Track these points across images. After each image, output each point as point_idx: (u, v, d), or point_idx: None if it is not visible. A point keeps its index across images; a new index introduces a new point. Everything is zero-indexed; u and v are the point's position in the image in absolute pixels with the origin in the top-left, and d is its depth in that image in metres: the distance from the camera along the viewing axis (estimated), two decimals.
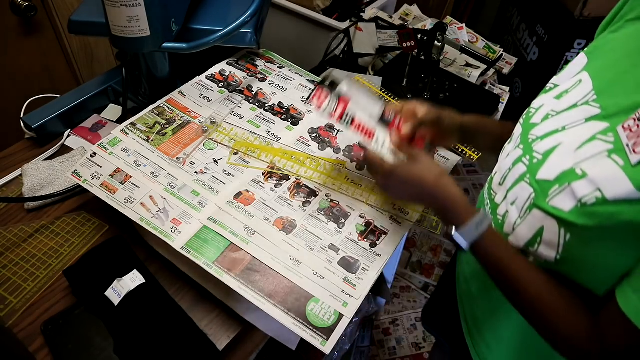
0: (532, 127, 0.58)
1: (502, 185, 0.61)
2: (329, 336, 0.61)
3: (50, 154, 0.90)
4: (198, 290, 0.71)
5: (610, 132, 0.46)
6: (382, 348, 1.68)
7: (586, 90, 0.52)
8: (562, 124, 0.53)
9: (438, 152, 0.88)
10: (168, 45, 0.82)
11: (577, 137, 0.50)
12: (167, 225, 0.69)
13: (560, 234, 0.50)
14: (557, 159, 0.51)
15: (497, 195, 0.62)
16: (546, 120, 0.56)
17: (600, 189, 0.45)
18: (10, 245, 0.75)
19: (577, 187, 0.47)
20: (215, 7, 0.95)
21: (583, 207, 0.46)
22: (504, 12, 2.43)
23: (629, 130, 0.44)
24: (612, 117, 0.47)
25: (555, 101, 0.57)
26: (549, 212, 0.50)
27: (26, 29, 1.15)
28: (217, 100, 0.91)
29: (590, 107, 0.50)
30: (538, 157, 0.54)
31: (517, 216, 0.56)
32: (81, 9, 0.92)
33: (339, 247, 0.70)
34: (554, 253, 0.52)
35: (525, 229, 0.54)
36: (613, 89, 0.50)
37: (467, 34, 1.34)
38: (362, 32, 1.17)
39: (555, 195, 0.49)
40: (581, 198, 0.46)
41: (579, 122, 0.51)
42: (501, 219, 0.60)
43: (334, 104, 0.72)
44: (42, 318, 0.67)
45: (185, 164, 0.78)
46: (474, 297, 0.73)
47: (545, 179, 0.51)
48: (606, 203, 0.44)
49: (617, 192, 0.43)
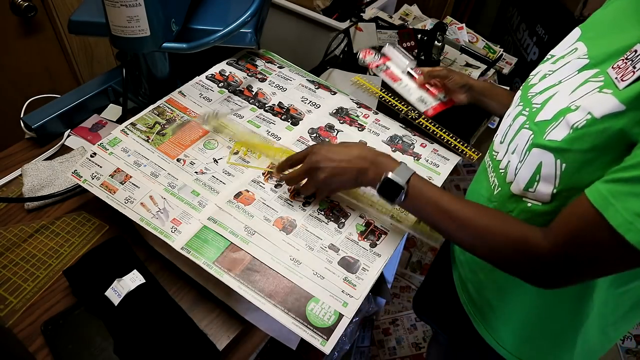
0: (530, 87, 0.64)
1: (502, 143, 0.65)
2: (329, 336, 0.61)
3: (50, 154, 0.90)
4: (198, 290, 0.71)
5: (601, 74, 0.52)
6: (382, 348, 1.68)
7: (581, 53, 0.58)
8: (558, 79, 0.59)
9: (438, 151, 0.88)
10: (168, 45, 0.82)
11: (571, 85, 0.55)
12: (167, 225, 0.69)
13: (557, 165, 0.53)
14: (554, 103, 0.56)
15: (499, 153, 0.66)
16: (544, 79, 0.62)
17: (590, 112, 0.50)
18: (10, 245, 0.75)
19: (570, 117, 0.52)
20: (215, 7, 0.95)
21: (575, 131, 0.50)
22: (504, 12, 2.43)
23: (617, 68, 0.50)
24: (600, 64, 0.53)
25: (551, 65, 0.63)
26: (545, 146, 0.54)
27: (26, 29, 1.15)
28: (217, 100, 0.91)
29: (580, 60, 0.57)
30: (537, 106, 0.59)
31: (517, 161, 0.59)
32: (81, 9, 0.92)
33: (339, 247, 0.70)
34: (551, 187, 0.54)
35: (526, 170, 0.57)
36: (600, 42, 0.56)
37: (467, 34, 1.34)
38: (362, 32, 1.17)
39: (551, 130, 0.54)
40: (573, 124, 0.51)
41: (572, 74, 0.56)
42: (503, 171, 0.63)
43: (377, 57, 1.01)
44: (42, 318, 0.67)
45: (185, 164, 0.78)
46: (480, 280, 0.73)
47: (543, 119, 0.56)
48: (596, 122, 0.49)
49: (605, 108, 0.48)
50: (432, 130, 0.88)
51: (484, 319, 0.74)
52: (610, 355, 1.70)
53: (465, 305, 0.78)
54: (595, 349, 0.71)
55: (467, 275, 0.77)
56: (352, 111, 0.93)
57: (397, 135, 0.89)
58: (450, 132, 0.90)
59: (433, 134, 0.88)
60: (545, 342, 0.70)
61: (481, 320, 0.75)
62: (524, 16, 2.18)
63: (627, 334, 1.75)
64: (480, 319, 0.75)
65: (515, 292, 0.68)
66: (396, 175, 0.62)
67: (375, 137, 0.88)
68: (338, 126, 0.89)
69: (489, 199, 0.67)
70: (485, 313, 0.74)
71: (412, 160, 0.85)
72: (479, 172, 0.74)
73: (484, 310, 0.74)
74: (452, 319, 0.86)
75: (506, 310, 0.70)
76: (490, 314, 0.73)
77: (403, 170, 0.63)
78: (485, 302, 0.73)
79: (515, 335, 0.71)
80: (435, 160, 0.86)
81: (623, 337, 1.74)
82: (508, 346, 0.72)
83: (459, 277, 0.80)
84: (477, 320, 0.76)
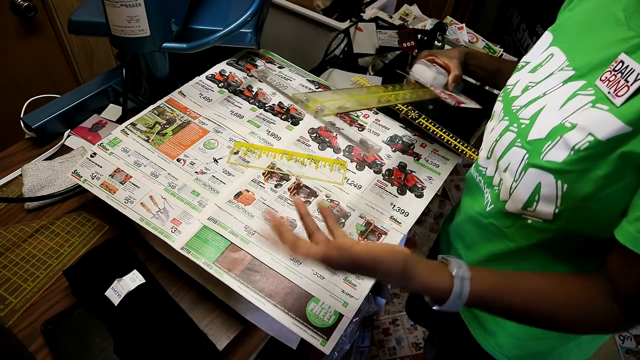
0: (513, 100, 0.61)
1: (490, 158, 0.63)
2: (329, 336, 0.61)
3: (50, 154, 0.90)
4: (198, 290, 0.71)
5: (589, 87, 0.51)
6: (382, 348, 1.68)
7: (561, 60, 0.57)
8: (543, 91, 0.57)
9: (438, 152, 0.88)
10: (168, 45, 0.82)
11: (559, 98, 0.53)
12: (167, 225, 0.69)
13: (558, 186, 0.51)
14: (544, 119, 0.54)
15: (488, 169, 0.64)
16: (526, 91, 0.60)
17: (592, 133, 0.48)
18: (10, 245, 0.75)
19: (569, 138, 0.50)
20: (215, 7, 0.95)
21: (577, 153, 0.49)
22: (504, 12, 2.43)
23: (607, 81, 0.49)
24: (586, 75, 0.52)
25: (530, 75, 0.61)
26: (544, 167, 0.52)
27: (26, 29, 1.15)
28: (217, 100, 0.91)
29: (565, 72, 0.55)
30: (525, 122, 0.57)
31: (512, 180, 0.57)
32: (81, 9, 0.92)
33: None
34: (553, 207, 0.53)
35: (522, 190, 0.55)
36: (581, 51, 0.55)
37: (467, 34, 1.34)
38: (362, 32, 1.16)
39: (548, 150, 0.52)
40: (574, 145, 0.49)
41: (557, 85, 0.55)
42: (497, 189, 0.61)
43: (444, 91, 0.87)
44: (42, 318, 0.67)
45: (186, 164, 0.78)
46: None
47: (537, 138, 0.54)
48: (599, 144, 0.47)
49: (609, 130, 0.46)
50: (432, 130, 0.88)
51: (481, 325, 0.73)
52: (610, 355, 1.70)
53: (462, 313, 0.77)
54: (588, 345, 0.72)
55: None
56: (352, 111, 0.92)
57: (397, 135, 0.89)
58: (450, 132, 0.90)
59: (433, 134, 0.88)
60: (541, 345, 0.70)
61: (478, 327, 0.74)
62: (524, 16, 2.18)
63: (627, 334, 1.75)
64: (478, 325, 0.74)
65: None
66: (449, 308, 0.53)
67: (375, 137, 0.88)
68: (338, 126, 0.89)
69: (482, 214, 0.66)
70: (482, 320, 0.73)
71: (412, 160, 0.86)
72: (470, 186, 0.72)
73: (481, 317, 0.73)
74: (447, 324, 0.85)
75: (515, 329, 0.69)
76: (488, 321, 0.72)
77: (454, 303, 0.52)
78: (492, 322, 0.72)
79: (512, 340, 0.70)
80: (435, 161, 0.86)
81: (623, 337, 1.74)
82: (505, 351, 0.72)
83: None
84: (474, 327, 0.75)
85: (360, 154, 0.85)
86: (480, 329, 0.74)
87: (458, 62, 0.84)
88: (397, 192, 0.80)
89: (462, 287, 0.51)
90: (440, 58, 0.85)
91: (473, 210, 0.68)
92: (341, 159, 0.83)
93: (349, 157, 0.84)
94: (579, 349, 0.71)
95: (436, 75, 0.85)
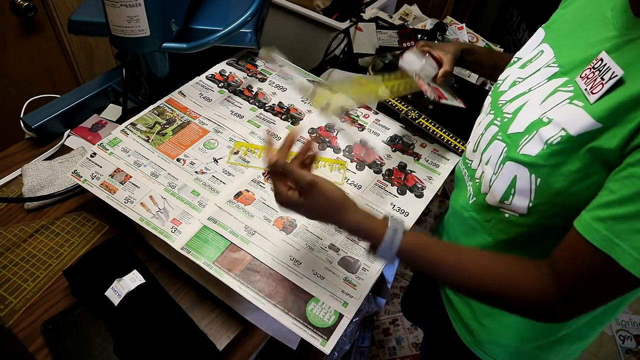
0: (500, 95, 0.63)
1: (475, 151, 0.64)
2: (329, 336, 0.61)
3: (50, 154, 0.90)
4: (198, 290, 0.71)
5: (570, 84, 0.51)
6: (382, 348, 1.68)
7: (548, 57, 0.58)
8: (528, 87, 0.58)
9: (438, 152, 0.88)
10: (168, 45, 0.82)
11: (542, 94, 0.54)
12: (167, 225, 0.69)
13: (532, 180, 0.53)
14: (525, 114, 0.55)
15: (473, 162, 0.65)
16: (514, 86, 0.61)
17: (564, 128, 0.49)
18: (10, 245, 0.75)
19: (543, 132, 0.51)
20: (215, 7, 0.95)
21: (549, 147, 0.50)
22: (504, 12, 2.43)
23: (586, 78, 0.49)
24: (569, 72, 0.52)
25: (520, 70, 0.62)
26: (519, 160, 0.53)
27: (26, 29, 1.15)
28: (217, 100, 0.91)
29: (550, 68, 0.56)
30: (508, 116, 0.58)
31: (491, 173, 0.58)
32: (81, 9, 0.92)
33: (339, 247, 0.70)
34: (527, 201, 0.54)
35: (500, 183, 0.56)
36: (568, 49, 0.56)
37: (467, 34, 1.34)
38: (362, 32, 1.16)
39: (525, 144, 0.53)
40: (547, 140, 0.50)
41: (542, 82, 0.56)
42: (478, 182, 0.62)
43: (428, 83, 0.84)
44: (42, 318, 0.67)
45: (186, 163, 0.78)
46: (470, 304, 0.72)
47: (516, 132, 0.55)
48: (570, 139, 0.48)
49: (580, 126, 0.48)
50: (432, 130, 0.88)
51: (473, 336, 0.73)
52: (610, 356, 1.70)
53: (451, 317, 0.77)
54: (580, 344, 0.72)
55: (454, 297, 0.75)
56: (352, 111, 0.93)
57: (397, 136, 0.89)
58: (450, 132, 0.90)
59: (433, 134, 0.88)
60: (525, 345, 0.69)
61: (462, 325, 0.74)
62: (524, 16, 2.18)
63: (627, 334, 1.75)
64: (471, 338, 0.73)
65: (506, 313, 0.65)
66: (381, 257, 0.56)
67: (375, 137, 0.88)
68: (338, 126, 0.89)
69: (464, 207, 0.66)
70: (474, 330, 0.72)
71: (412, 160, 0.85)
72: (457, 178, 0.73)
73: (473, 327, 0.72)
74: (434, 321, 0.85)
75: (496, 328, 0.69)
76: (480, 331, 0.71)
77: (387, 249, 0.55)
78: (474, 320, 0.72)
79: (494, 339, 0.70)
80: (435, 161, 0.86)
81: (623, 337, 1.74)
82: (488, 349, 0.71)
83: (446, 296, 0.78)
84: (458, 324, 0.75)
85: (360, 154, 0.85)
86: (463, 327, 0.74)
87: (452, 57, 0.83)
88: (397, 192, 0.80)
89: (394, 236, 0.55)
90: (435, 51, 0.84)
91: (458, 204, 0.69)
92: (341, 159, 0.83)
93: (349, 157, 0.84)
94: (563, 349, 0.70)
95: (424, 66, 0.83)
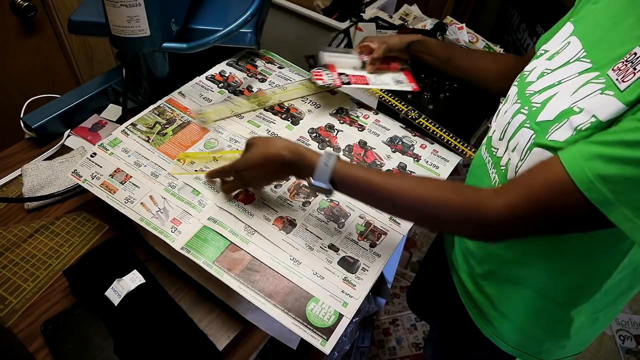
0: (528, 85, 0.63)
1: (502, 139, 0.65)
2: (329, 336, 0.61)
3: (50, 154, 0.90)
4: (198, 290, 0.71)
5: (602, 77, 0.52)
6: (382, 348, 1.68)
7: (576, 49, 0.58)
8: (558, 79, 0.58)
9: (438, 152, 0.88)
10: (168, 45, 0.82)
11: (572, 86, 0.55)
12: (167, 225, 0.69)
13: None
14: (555, 103, 0.56)
15: (499, 150, 0.66)
16: (542, 77, 0.61)
17: (594, 115, 0.50)
18: (10, 245, 0.75)
19: (574, 119, 0.52)
20: (215, 7, 0.95)
21: (579, 132, 0.51)
22: (504, 12, 2.43)
23: (618, 70, 0.50)
24: (602, 68, 0.53)
25: (547, 62, 0.63)
26: (547, 146, 0.54)
27: (26, 29, 1.15)
28: (217, 100, 0.91)
29: (582, 63, 0.56)
30: (537, 106, 0.59)
31: (518, 159, 0.59)
32: (81, 9, 0.92)
33: (339, 247, 0.70)
34: None
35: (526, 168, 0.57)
36: (601, 45, 0.56)
37: (467, 34, 1.34)
38: (362, 32, 1.16)
39: (554, 131, 0.54)
40: (577, 126, 0.51)
41: (573, 75, 0.56)
42: (504, 169, 0.63)
43: (329, 73, 0.91)
44: (42, 318, 0.67)
45: (186, 163, 0.78)
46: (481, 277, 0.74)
47: (545, 120, 0.56)
48: (600, 125, 0.49)
49: (609, 112, 0.48)
50: (432, 130, 0.88)
51: (483, 315, 0.75)
52: (610, 356, 1.70)
53: (466, 305, 0.79)
54: (586, 336, 0.74)
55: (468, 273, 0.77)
56: (352, 111, 0.93)
57: (397, 136, 0.89)
58: (450, 132, 0.90)
59: (433, 134, 0.88)
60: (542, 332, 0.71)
61: (480, 316, 0.76)
62: (524, 16, 2.18)
63: (627, 334, 1.75)
64: (481, 317, 0.76)
65: (515, 289, 0.69)
66: (318, 181, 0.62)
67: (375, 137, 0.88)
68: (338, 126, 0.89)
69: None
70: (484, 310, 0.75)
71: (412, 161, 0.86)
72: (475, 167, 0.74)
73: (484, 307, 0.75)
74: (449, 315, 0.86)
75: (505, 304, 0.71)
76: (490, 310, 0.74)
77: (322, 169, 0.62)
78: (485, 298, 0.74)
79: (514, 327, 0.72)
80: (435, 162, 0.86)
81: (623, 337, 1.74)
82: (506, 338, 0.74)
83: (458, 279, 0.80)
84: (476, 315, 0.77)
85: (360, 154, 0.85)
86: (481, 317, 0.76)
87: (386, 46, 0.90)
88: None
89: (328, 159, 0.62)
90: (374, 42, 0.91)
91: None
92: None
93: (349, 157, 0.84)
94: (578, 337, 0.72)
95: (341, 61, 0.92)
